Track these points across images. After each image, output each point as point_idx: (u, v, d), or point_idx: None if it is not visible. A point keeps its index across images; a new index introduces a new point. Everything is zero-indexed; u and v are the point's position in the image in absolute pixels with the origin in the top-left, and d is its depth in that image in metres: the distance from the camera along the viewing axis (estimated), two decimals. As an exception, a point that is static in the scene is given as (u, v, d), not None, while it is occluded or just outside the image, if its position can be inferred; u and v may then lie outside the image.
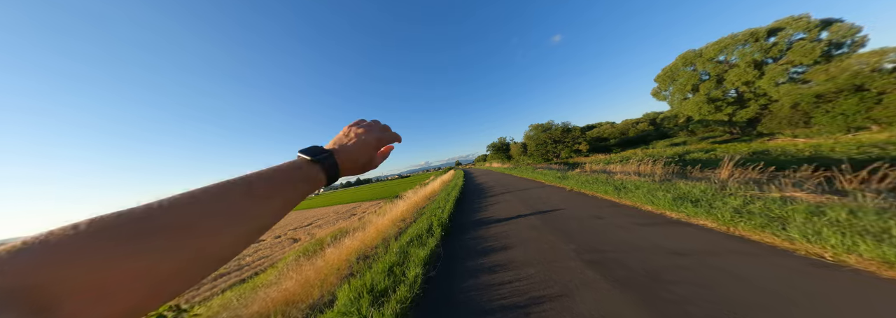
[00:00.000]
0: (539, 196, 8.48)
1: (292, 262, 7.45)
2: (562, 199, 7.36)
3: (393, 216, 10.43)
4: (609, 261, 3.15)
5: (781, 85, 26.92)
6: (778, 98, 27.81)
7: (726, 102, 31.21)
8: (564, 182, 9.60)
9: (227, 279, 12.93)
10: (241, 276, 13.03)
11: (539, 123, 40.31)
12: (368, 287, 3.46)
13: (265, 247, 19.96)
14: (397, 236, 6.91)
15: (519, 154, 46.79)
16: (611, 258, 3.21)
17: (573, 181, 9.01)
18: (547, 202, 7.22)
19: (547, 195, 8.40)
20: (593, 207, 5.82)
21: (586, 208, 5.85)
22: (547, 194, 8.59)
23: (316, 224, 28.00)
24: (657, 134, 46.82)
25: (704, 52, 32.41)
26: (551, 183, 10.83)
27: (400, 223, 8.79)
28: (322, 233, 19.82)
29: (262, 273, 11.55)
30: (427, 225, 6.39)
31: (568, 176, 10.41)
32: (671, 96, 37.86)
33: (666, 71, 36.90)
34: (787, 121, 27.27)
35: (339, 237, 8.54)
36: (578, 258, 3.38)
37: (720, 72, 31.27)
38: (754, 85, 29.12)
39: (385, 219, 10.16)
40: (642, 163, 8.55)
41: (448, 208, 8.25)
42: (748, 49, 28.44)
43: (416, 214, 9.76)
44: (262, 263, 15.07)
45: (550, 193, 8.82)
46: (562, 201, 7.02)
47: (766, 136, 29.67)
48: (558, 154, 36.55)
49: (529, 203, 7.51)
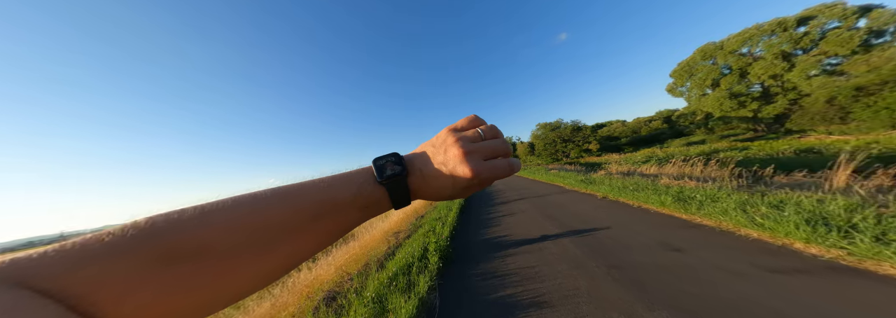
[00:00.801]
0: (563, 205, 6.82)
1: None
2: (598, 211, 5.67)
3: (385, 228, 8.92)
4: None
5: (814, 78, 24.76)
6: (810, 92, 25.63)
7: (751, 98, 29.06)
8: (592, 187, 7.92)
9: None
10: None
11: (547, 122, 38.51)
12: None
13: None
14: (384, 259, 5.32)
15: (525, 154, 45.02)
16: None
17: (605, 187, 7.32)
18: (579, 216, 5.54)
19: (573, 204, 6.73)
20: (654, 227, 4.14)
21: (643, 228, 4.17)
22: (573, 203, 6.92)
23: None
24: (672, 132, 44.64)
25: (726, 44, 30.31)
26: (574, 188, 9.16)
27: (391, 238, 7.21)
28: None
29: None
30: (421, 248, 4.79)
31: (594, 179, 8.73)
32: (688, 92, 35.76)
33: (682, 65, 34.82)
34: (821, 116, 25.10)
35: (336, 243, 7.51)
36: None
37: (743, 65, 29.15)
38: (782, 78, 26.96)
39: (376, 231, 8.64)
40: (689, 164, 6.85)
41: (450, 221, 6.64)
42: (776, 40, 26.30)
43: (412, 225, 8.18)
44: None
45: (576, 201, 7.15)
46: (600, 215, 5.34)
47: (795, 133, 27.52)
48: (568, 154, 34.70)
49: (555, 216, 5.84)
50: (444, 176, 0.36)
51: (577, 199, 7.41)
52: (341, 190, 0.31)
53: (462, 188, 0.37)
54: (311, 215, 0.28)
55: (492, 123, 0.43)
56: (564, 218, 5.59)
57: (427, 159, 0.38)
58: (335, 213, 0.29)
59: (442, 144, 0.38)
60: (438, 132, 0.41)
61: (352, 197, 0.31)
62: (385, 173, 0.33)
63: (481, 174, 0.36)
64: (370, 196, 0.32)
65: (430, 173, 0.36)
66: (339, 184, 0.31)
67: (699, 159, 7.25)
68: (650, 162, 11.64)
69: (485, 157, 0.38)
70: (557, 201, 7.51)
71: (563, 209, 6.43)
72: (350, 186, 0.32)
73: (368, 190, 0.32)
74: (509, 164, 0.39)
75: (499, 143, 0.40)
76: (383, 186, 0.33)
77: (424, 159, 0.38)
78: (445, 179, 0.36)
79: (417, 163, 0.37)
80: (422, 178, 0.36)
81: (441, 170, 0.36)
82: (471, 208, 8.79)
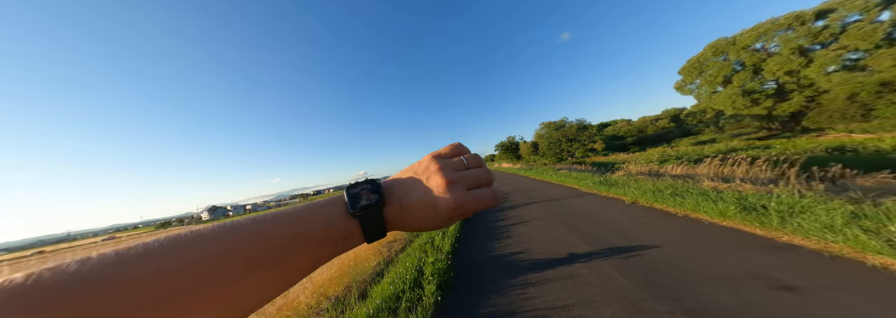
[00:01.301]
0: (585, 212, 5.80)
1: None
2: (632, 221, 4.63)
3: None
4: None
5: (833, 73, 23.59)
6: (828, 88, 24.48)
7: (765, 95, 27.93)
8: (615, 190, 6.88)
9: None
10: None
11: (552, 121, 37.43)
12: None
13: None
14: (370, 280, 4.33)
15: (529, 154, 43.95)
16: None
17: (632, 190, 6.29)
18: (609, 227, 4.51)
19: (598, 211, 5.70)
20: (724, 247, 3.10)
21: (708, 248, 3.13)
22: (596, 209, 5.89)
23: None
24: (680, 131, 43.50)
25: (738, 39, 29.18)
26: (592, 190, 8.13)
27: (384, 249, 6.21)
28: None
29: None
30: (415, 269, 3.79)
31: (614, 181, 7.70)
32: (697, 90, 34.66)
33: (692, 62, 33.71)
34: (841, 114, 24.00)
35: None
36: None
37: (757, 61, 28.01)
38: (799, 74, 25.81)
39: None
40: (728, 163, 5.82)
41: (451, 231, 5.64)
42: (792, 34, 25.14)
43: (411, 232, 7.21)
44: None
45: (600, 206, 6.12)
46: (636, 227, 4.30)
47: (811, 131, 26.40)
48: (573, 153, 33.63)
49: (579, 227, 4.81)
50: (426, 206, 0.33)
51: (601, 204, 6.36)
52: (314, 222, 0.28)
53: (444, 219, 0.34)
54: (280, 249, 0.24)
55: (475, 152, 0.42)
56: (591, 229, 4.55)
57: (408, 186, 0.35)
58: (306, 246, 0.26)
59: (425, 171, 0.36)
60: (421, 158, 0.39)
61: (324, 230, 0.28)
62: (358, 204, 0.30)
63: (465, 205, 0.34)
64: (343, 229, 0.29)
65: (411, 203, 0.33)
66: (312, 215, 0.28)
67: (740, 158, 6.21)
68: (670, 161, 10.56)
69: (468, 186, 0.36)
70: (577, 207, 6.47)
71: (586, 217, 5.39)
72: (322, 217, 0.29)
73: (341, 223, 0.29)
74: (494, 194, 0.37)
75: (482, 172, 0.39)
76: (356, 218, 0.30)
77: (405, 186, 0.35)
78: (427, 209, 0.33)
79: (397, 191, 0.34)
80: (401, 208, 0.33)
81: (423, 199, 0.33)
82: (474, 216, 7.82)
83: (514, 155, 54.62)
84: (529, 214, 6.63)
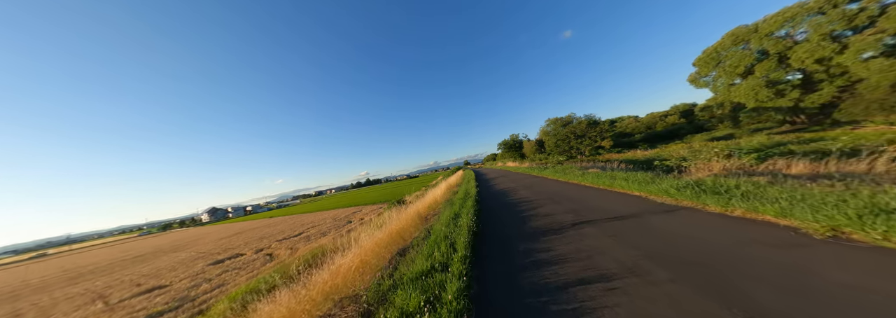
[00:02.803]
0: (717, 248, 3.62)
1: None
2: (865, 277, 2.50)
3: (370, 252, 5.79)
4: None
5: (871, 60, 21.57)
6: (865, 77, 22.47)
7: (791, 85, 25.93)
8: (720, 201, 4.67)
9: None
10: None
11: (558, 117, 35.32)
12: None
13: (236, 266, 15.72)
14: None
15: (533, 152, 41.82)
16: None
17: (772, 203, 4.05)
18: (821, 298, 2.38)
19: (740, 249, 3.53)
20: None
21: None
22: (734, 244, 3.71)
23: (306, 234, 23.82)
24: (691, 127, 41.47)
25: (761, 26, 27.17)
26: (680, 202, 5.82)
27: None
28: (305, 249, 15.71)
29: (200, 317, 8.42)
30: None
31: (706, 185, 5.46)
32: (714, 82, 32.65)
33: (709, 53, 31.71)
34: (879, 105, 21.98)
35: (310, 266, 6.55)
36: None
37: (782, 49, 25.99)
38: (830, 62, 23.81)
39: (350, 260, 5.49)
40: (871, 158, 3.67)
41: (451, 295, 3.46)
42: (824, 19, 23.10)
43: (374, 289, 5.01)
44: (211, 297, 10.95)
45: (734, 237, 3.94)
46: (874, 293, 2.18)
47: (845, 124, 24.38)
48: (583, 151, 31.49)
49: (743, 293, 2.70)
50: None
51: (727, 230, 4.15)
52: None
53: None
54: None
55: None
56: (778, 305, 2.40)
57: None
58: None
59: None
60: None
61: None
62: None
63: None
64: None
65: None
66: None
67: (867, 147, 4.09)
68: (748, 156, 8.09)
69: None
70: (682, 234, 4.24)
71: (733, 267, 3.20)
72: None
73: None
74: None
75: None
76: None
77: None
78: None
79: None
80: None
81: None
82: (493, 240, 5.51)
83: (517, 153, 52.52)
84: (594, 246, 4.34)
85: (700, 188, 5.62)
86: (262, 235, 28.82)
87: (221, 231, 44.06)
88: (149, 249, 37.10)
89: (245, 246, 23.34)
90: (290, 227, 30.96)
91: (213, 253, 22.94)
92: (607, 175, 9.68)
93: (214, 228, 59.01)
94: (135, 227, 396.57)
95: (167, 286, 14.26)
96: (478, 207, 9.31)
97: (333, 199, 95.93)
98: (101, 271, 25.31)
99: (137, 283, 16.54)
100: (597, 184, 9.71)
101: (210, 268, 16.84)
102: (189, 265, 19.23)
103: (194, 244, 32.37)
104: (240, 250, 21.94)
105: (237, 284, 11.90)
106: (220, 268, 16.36)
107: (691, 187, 5.83)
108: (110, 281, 18.93)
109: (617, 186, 8.33)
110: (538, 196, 9.95)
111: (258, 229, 36.03)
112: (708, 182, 5.66)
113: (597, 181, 9.81)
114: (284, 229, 29.54)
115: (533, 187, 12.92)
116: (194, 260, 21.17)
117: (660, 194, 6.46)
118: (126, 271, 22.62)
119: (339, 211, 38.59)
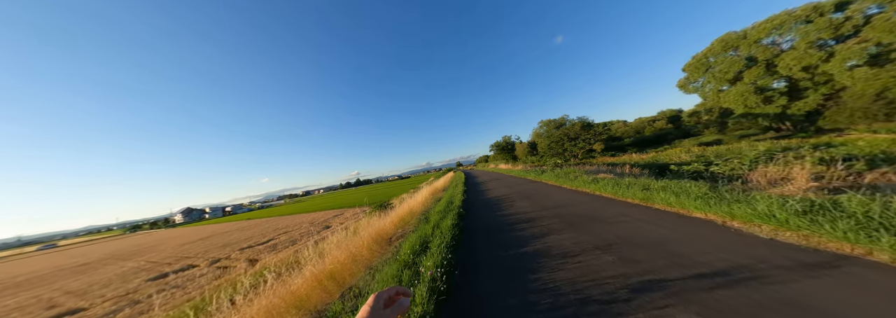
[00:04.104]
0: None
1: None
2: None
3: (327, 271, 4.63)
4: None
5: (856, 69, 22.02)
6: (848, 85, 22.96)
7: (779, 92, 26.36)
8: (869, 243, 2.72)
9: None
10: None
11: (551, 119, 35.00)
12: None
13: (177, 284, 13.79)
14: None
15: (525, 154, 41.38)
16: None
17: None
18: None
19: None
20: None
21: None
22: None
23: (275, 241, 21.93)
24: (679, 133, 42.08)
25: (750, 33, 27.60)
26: (829, 244, 3.28)
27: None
28: (267, 261, 13.98)
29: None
30: None
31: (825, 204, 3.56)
32: (702, 88, 33.08)
33: (698, 58, 32.10)
34: (863, 113, 22.47)
35: (257, 286, 5.11)
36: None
37: (770, 56, 26.42)
38: (816, 70, 24.27)
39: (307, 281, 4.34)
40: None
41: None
42: (811, 27, 23.54)
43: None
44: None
45: None
46: None
47: (830, 132, 24.85)
48: (576, 154, 31.13)
49: None
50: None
51: None
52: None
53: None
54: None
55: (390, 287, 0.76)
56: None
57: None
58: None
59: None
60: None
61: None
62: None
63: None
64: None
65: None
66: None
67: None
68: (858, 163, 6.15)
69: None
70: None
71: None
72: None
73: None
74: None
75: None
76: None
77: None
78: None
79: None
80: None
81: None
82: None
83: (509, 155, 52.09)
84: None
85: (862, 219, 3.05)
86: (228, 241, 26.68)
87: (189, 235, 41.22)
88: (101, 255, 34.03)
89: (203, 255, 21.15)
90: (262, 232, 28.95)
91: (164, 263, 20.63)
92: (635, 185, 7.60)
93: (185, 230, 55.46)
94: (104, 227, 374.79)
95: (83, 311, 12.32)
96: (459, 226, 7.16)
97: (319, 200, 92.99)
98: (29, 283, 22.45)
99: (53, 304, 14.36)
100: (623, 196, 7.47)
101: (147, 285, 14.87)
102: (127, 279, 17.15)
103: (151, 250, 29.76)
104: (195, 259, 19.74)
105: (166, 309, 10.01)
106: (158, 285, 14.43)
107: (823, 211, 3.50)
108: (26, 299, 16.48)
109: (655, 200, 6.07)
110: (544, 212, 7.65)
111: (228, 233, 33.74)
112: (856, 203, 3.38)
113: (623, 193, 7.54)
114: (254, 235, 27.57)
115: (533, 197, 10.85)
116: (137, 273, 18.76)
117: (749, 220, 4.08)
118: (56, 284, 20.15)
119: (320, 214, 36.89)
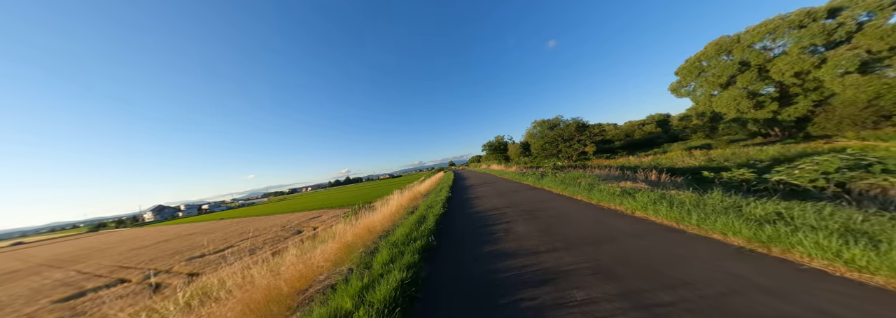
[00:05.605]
0: None
1: None
2: None
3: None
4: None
5: (848, 76, 22.10)
6: (838, 92, 23.08)
7: (770, 97, 26.43)
8: None
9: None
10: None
11: (545, 119, 34.23)
12: None
13: (85, 310, 11.32)
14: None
15: (518, 155, 40.52)
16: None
17: None
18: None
19: None
20: None
21: None
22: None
23: (235, 248, 19.50)
24: (668, 136, 42.31)
25: (744, 37, 27.59)
26: None
27: None
28: (207, 279, 11.75)
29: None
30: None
31: None
32: (694, 92, 33.10)
33: (691, 62, 32.05)
34: (852, 120, 22.61)
35: None
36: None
37: (763, 61, 26.45)
38: (807, 76, 24.35)
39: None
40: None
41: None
42: (805, 32, 23.56)
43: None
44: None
45: None
46: None
47: (819, 138, 24.99)
48: (571, 155, 30.39)
49: None
50: None
51: None
52: None
53: None
54: None
55: None
56: None
57: None
58: None
59: None
60: None
61: None
62: None
63: None
64: None
65: None
66: None
67: None
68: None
69: None
70: None
71: None
72: None
73: None
74: None
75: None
76: None
77: None
78: None
79: None
80: None
81: None
82: None
83: (502, 156, 51.25)
84: None
85: None
86: (183, 246, 23.99)
87: (150, 236, 37.89)
88: (41, 259, 30.48)
89: (146, 264, 18.56)
90: (225, 236, 26.38)
91: (95, 275, 17.79)
92: (648, 197, 5.69)
93: (149, 230, 51.28)
94: (69, 224, 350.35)
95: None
96: (408, 295, 3.77)
97: (303, 199, 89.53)
98: None
99: None
100: (713, 230, 4.46)
101: (49, 309, 12.28)
102: (35, 298, 14.34)
103: (96, 255, 26.69)
104: (132, 271, 17.17)
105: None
106: (61, 310, 11.88)
107: None
108: None
109: (794, 246, 3.44)
110: (570, 256, 4.45)
111: (191, 235, 30.95)
112: None
113: (710, 224, 4.55)
114: (216, 239, 25.10)
115: (539, 216, 7.61)
116: (55, 288, 15.79)
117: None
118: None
119: (298, 215, 34.69)
